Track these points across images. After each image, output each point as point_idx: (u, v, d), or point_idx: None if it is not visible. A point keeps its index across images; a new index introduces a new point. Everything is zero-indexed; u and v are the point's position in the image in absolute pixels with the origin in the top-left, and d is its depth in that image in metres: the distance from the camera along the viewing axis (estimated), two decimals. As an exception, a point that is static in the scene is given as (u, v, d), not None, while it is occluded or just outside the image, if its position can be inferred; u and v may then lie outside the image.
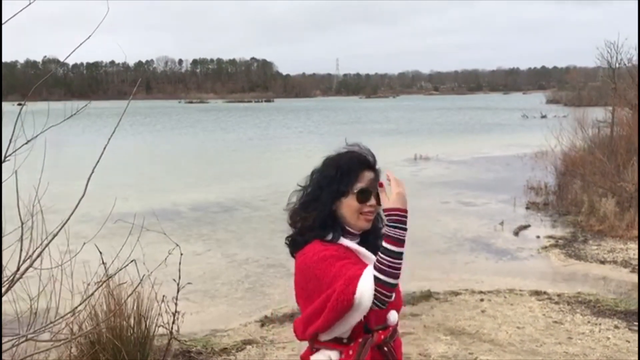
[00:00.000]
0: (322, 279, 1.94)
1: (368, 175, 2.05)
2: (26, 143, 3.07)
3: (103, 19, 3.40)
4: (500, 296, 6.57)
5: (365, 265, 1.93)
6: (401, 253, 1.86)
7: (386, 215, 1.89)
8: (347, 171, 2.05)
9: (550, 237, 9.34)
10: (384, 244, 1.86)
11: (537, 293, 6.65)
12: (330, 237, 2.03)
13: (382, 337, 2.01)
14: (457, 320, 5.83)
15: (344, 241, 2.04)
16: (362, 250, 2.04)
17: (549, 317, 5.87)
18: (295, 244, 2.10)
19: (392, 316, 2.04)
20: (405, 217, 1.88)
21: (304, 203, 2.10)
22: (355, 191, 2.02)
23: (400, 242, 1.86)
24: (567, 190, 12.31)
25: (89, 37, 3.38)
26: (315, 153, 22.49)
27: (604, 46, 15.63)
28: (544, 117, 41.12)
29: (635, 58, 15.38)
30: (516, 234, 9.73)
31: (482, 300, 6.43)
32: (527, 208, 11.74)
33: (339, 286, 1.88)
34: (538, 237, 9.40)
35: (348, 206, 2.04)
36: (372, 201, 2.02)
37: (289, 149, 25.47)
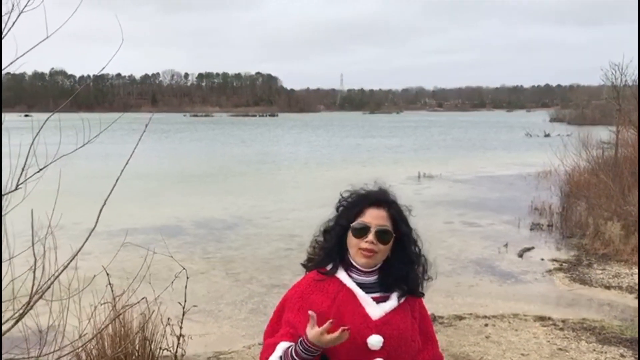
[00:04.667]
0: (280, 310, 2.11)
1: (373, 212, 2.07)
2: (38, 171, 3.11)
3: (121, 44, 3.46)
4: (504, 321, 6.55)
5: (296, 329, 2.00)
6: None
7: (305, 339, 1.93)
8: (349, 207, 2.12)
9: (554, 260, 9.31)
10: (293, 350, 1.94)
11: (541, 318, 6.62)
12: (329, 267, 2.10)
13: None
14: (462, 345, 5.81)
15: (342, 276, 2.08)
16: (357, 290, 2.05)
17: (554, 344, 5.84)
18: (307, 267, 2.20)
19: None
20: (311, 354, 1.92)
21: (322, 234, 2.19)
22: (352, 225, 2.06)
23: (301, 358, 1.93)
24: (572, 212, 12.30)
25: (114, 56, 3.44)
26: (319, 170, 22.59)
27: (608, 67, 15.70)
28: (547, 135, 41.21)
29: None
30: (520, 256, 9.71)
31: (486, 325, 6.41)
32: (532, 229, 11.72)
33: (262, 349, 2.06)
34: (542, 259, 9.38)
35: (349, 241, 2.09)
36: (369, 237, 2.02)
37: (292, 165, 25.51)
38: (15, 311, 2.39)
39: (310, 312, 1.90)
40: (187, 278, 4.71)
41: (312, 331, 1.88)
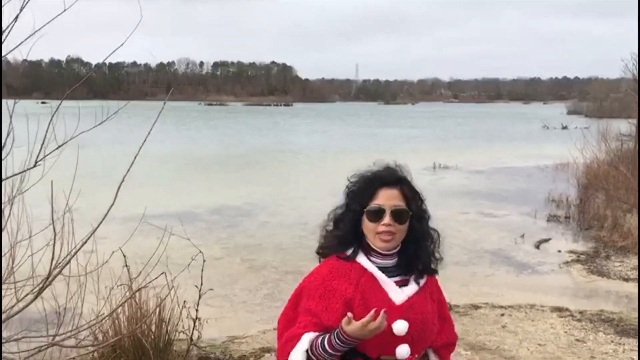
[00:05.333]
0: (298, 297, 2.05)
1: (385, 192, 2.01)
2: (57, 148, 3.10)
3: (137, 24, 3.43)
4: (521, 311, 6.49)
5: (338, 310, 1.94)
6: (332, 355, 1.90)
7: (343, 334, 1.88)
8: (360, 191, 2.05)
9: (571, 251, 9.21)
10: (326, 343, 1.90)
11: (558, 309, 6.54)
12: (349, 253, 2.05)
13: None
14: (478, 335, 5.76)
15: (363, 260, 2.03)
16: (380, 275, 2.02)
17: (571, 334, 5.78)
18: (321, 254, 2.15)
19: (402, 350, 1.98)
20: (348, 346, 1.90)
21: (333, 221, 2.13)
22: (366, 210, 2.01)
23: (336, 351, 1.89)
24: (590, 204, 12.15)
25: (127, 38, 3.42)
26: (335, 159, 22.53)
27: (629, 58, 15.47)
28: (565, 128, 40.68)
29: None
30: (537, 247, 9.61)
31: (502, 315, 6.35)
32: (548, 221, 11.60)
33: (282, 341, 1.99)
34: (559, 251, 9.28)
35: (365, 225, 2.03)
36: (386, 220, 1.97)
37: (308, 154, 25.48)
38: (34, 286, 2.39)
39: (349, 314, 1.86)
40: (204, 261, 4.70)
41: (353, 325, 1.83)
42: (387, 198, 1.99)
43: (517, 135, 38.95)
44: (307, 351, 1.91)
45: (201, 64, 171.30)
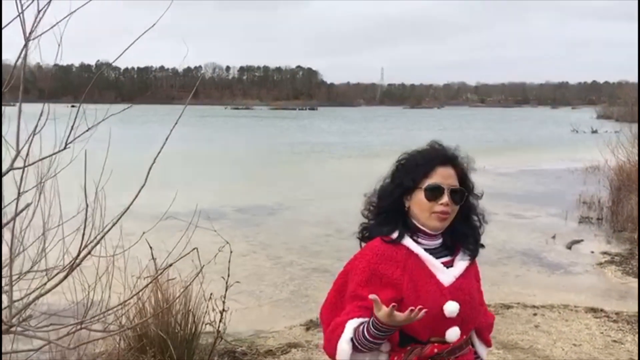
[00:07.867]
0: (343, 284, 1.95)
1: (443, 171, 1.94)
2: (87, 131, 3.07)
3: (157, 21, 3.39)
4: (554, 311, 6.31)
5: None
6: (374, 343, 1.82)
7: (380, 323, 1.78)
8: (415, 166, 1.96)
9: (605, 253, 8.97)
10: (365, 330, 1.81)
11: (593, 310, 6.35)
12: (395, 235, 1.94)
13: (436, 350, 1.89)
14: (510, 334, 5.62)
15: (409, 243, 1.94)
16: (427, 256, 1.93)
17: (608, 335, 5.59)
18: (363, 236, 2.05)
19: (452, 332, 1.92)
20: (384, 334, 1.80)
21: (377, 195, 2.05)
22: (423, 187, 1.91)
23: (374, 338, 1.81)
24: (623, 205, 11.82)
25: (139, 38, 3.35)
26: (361, 160, 22.43)
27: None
28: (594, 132, 39.97)
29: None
30: (569, 248, 9.38)
31: (535, 314, 6.18)
32: (580, 222, 11.34)
33: (328, 331, 1.90)
34: (592, 252, 9.04)
35: (417, 203, 1.94)
36: (444, 199, 1.90)
37: (336, 155, 25.42)
38: (64, 267, 2.36)
39: (371, 296, 1.75)
40: (231, 252, 4.65)
41: (381, 313, 1.74)
42: (445, 177, 1.93)
43: (546, 139, 38.37)
44: (352, 339, 1.83)
45: (227, 68, 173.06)
